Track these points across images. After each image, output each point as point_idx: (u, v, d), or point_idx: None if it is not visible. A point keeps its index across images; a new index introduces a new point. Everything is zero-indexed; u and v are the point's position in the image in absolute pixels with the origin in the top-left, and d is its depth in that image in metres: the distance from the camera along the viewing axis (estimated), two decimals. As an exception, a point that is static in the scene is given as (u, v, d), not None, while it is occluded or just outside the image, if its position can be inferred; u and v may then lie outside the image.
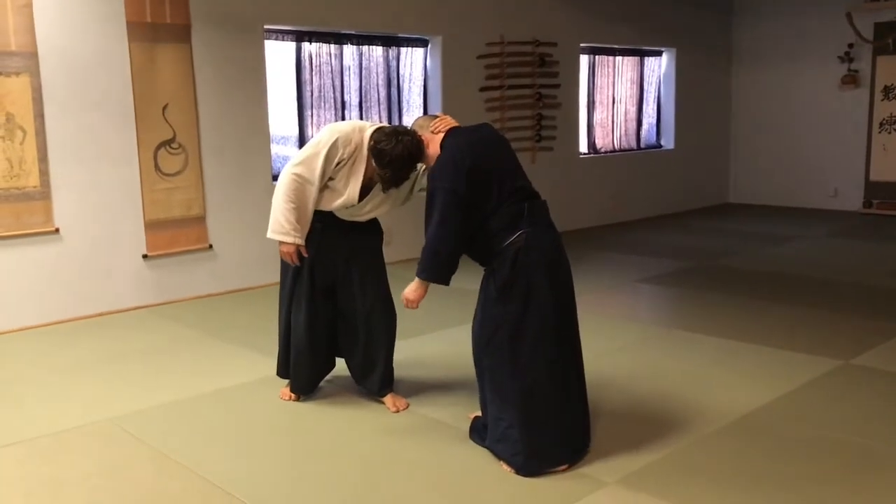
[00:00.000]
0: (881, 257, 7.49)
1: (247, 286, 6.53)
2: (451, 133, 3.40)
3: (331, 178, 3.65)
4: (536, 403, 3.20)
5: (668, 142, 10.31)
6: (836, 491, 3.01)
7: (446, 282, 3.29)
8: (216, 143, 6.31)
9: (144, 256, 5.99)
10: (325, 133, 3.65)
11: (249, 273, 6.52)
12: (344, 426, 3.72)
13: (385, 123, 3.81)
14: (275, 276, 6.48)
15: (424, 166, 3.65)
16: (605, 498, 2.99)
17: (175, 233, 6.14)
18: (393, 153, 3.42)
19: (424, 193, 3.75)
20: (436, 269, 3.25)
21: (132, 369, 4.60)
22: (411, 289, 3.34)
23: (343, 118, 7.19)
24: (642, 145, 10.12)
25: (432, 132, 3.44)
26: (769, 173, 10.72)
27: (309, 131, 7.01)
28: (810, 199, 10.34)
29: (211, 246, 6.33)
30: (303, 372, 3.97)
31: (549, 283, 3.21)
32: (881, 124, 9.67)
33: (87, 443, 3.59)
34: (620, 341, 4.94)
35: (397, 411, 3.84)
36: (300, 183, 3.61)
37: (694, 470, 3.20)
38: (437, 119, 3.49)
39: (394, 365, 3.98)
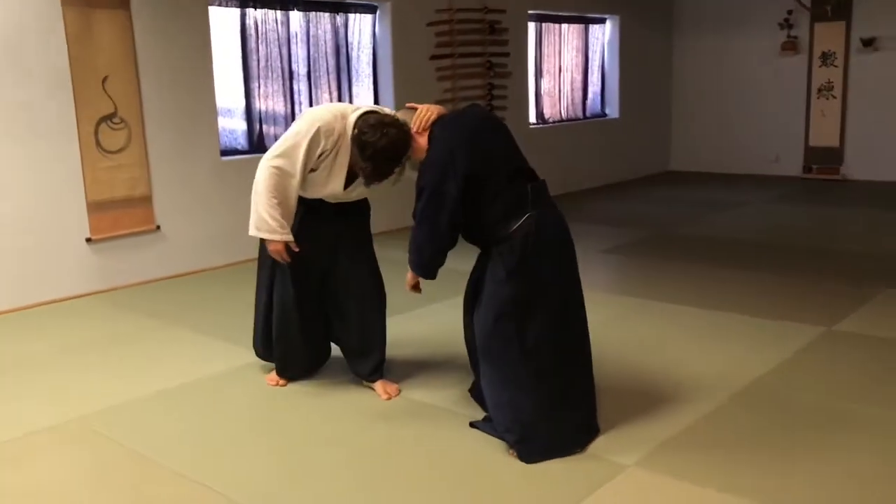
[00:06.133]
0: (829, 221, 7.62)
1: (198, 268, 6.19)
2: (439, 124, 3.18)
3: (312, 170, 3.41)
4: (545, 388, 3.08)
5: (612, 111, 10.27)
6: (860, 457, 2.97)
7: (432, 277, 3.22)
8: (160, 117, 5.91)
9: (88, 240, 5.58)
10: (304, 122, 3.38)
11: (200, 255, 6.18)
12: (334, 414, 3.50)
13: (374, 107, 3.49)
14: (228, 256, 6.29)
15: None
16: (626, 483, 2.86)
17: (119, 214, 5.74)
18: (377, 146, 3.17)
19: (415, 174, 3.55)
20: (421, 267, 3.20)
21: (92, 363, 4.26)
22: (408, 278, 3.32)
23: (291, 90, 6.86)
24: (588, 114, 10.05)
25: (416, 133, 3.19)
26: (710, 140, 10.80)
27: (256, 104, 6.65)
28: (751, 165, 10.46)
29: (158, 227, 5.96)
30: (296, 354, 3.76)
31: (559, 266, 3.12)
32: (819, 90, 9.82)
33: (59, 446, 3.29)
34: (602, 315, 4.81)
35: (389, 398, 3.64)
36: (280, 176, 3.35)
37: (710, 446, 3.11)
38: (417, 115, 3.20)
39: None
